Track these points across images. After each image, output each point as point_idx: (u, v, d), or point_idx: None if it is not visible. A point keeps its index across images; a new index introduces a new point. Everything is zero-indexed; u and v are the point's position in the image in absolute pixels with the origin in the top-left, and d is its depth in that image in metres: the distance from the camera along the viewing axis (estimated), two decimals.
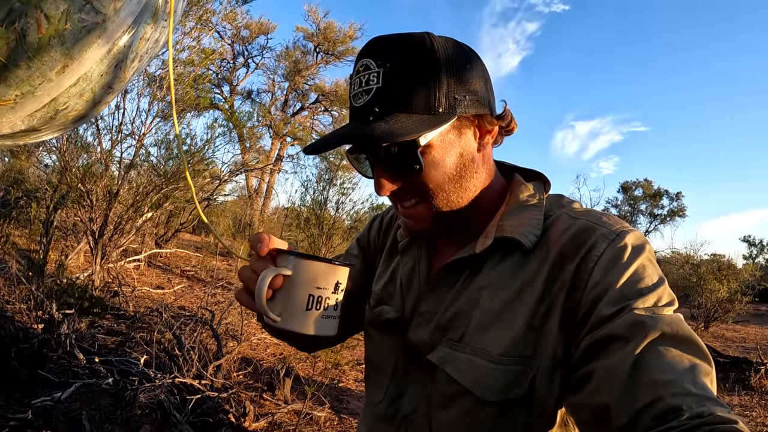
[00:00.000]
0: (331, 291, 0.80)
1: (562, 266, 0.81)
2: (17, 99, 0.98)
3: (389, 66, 0.80)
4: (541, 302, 0.81)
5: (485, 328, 0.84)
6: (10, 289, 5.27)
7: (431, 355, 0.88)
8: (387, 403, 0.97)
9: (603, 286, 0.75)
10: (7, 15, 0.88)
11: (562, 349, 0.78)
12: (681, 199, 26.21)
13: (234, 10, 13.27)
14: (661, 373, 0.64)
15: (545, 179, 0.97)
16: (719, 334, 11.92)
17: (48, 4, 0.90)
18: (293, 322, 0.79)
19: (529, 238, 0.84)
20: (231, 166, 9.75)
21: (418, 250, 1.01)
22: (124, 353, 4.52)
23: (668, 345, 0.67)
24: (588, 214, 0.86)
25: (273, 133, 21.16)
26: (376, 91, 0.81)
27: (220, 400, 3.46)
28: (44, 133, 1.18)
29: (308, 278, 0.79)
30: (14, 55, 0.91)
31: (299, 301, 0.79)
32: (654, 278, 0.76)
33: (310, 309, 0.79)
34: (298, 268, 0.79)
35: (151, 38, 1.18)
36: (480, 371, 0.82)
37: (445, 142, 0.84)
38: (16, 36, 0.89)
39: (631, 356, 0.67)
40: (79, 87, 1.05)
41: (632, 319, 0.70)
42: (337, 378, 4.88)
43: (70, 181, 6.42)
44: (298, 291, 0.79)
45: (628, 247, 0.79)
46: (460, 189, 0.87)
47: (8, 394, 3.24)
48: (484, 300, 0.85)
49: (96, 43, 1.00)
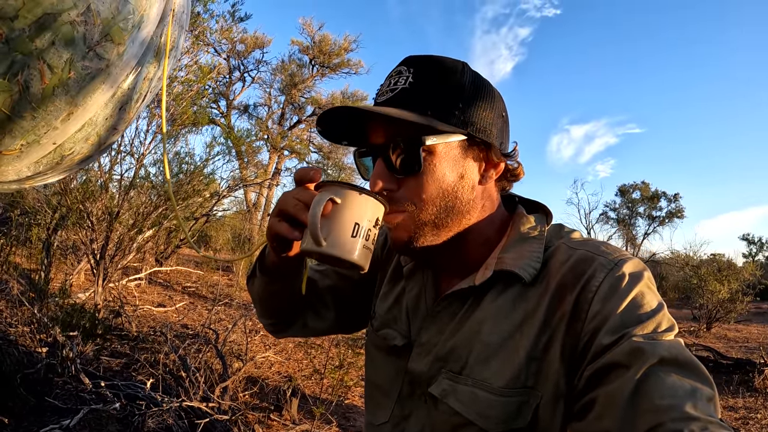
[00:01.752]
0: (373, 225, 0.83)
1: (562, 297, 0.82)
2: (23, 148, 0.98)
3: (420, 73, 0.85)
4: (542, 333, 0.82)
5: (486, 360, 0.85)
6: (12, 311, 5.25)
7: (433, 388, 0.89)
8: (392, 425, 0.98)
9: (603, 316, 0.76)
10: (9, 67, 0.87)
11: (564, 380, 0.79)
12: (679, 201, 26.38)
13: (230, 27, 13.34)
14: (662, 399, 0.65)
15: (547, 211, 0.98)
16: (721, 335, 11.89)
17: (50, 54, 0.90)
18: (338, 247, 0.81)
19: (529, 272, 0.85)
20: (229, 181, 9.76)
21: (423, 276, 1.02)
22: (129, 376, 4.50)
23: (668, 370, 0.68)
24: (586, 244, 0.87)
25: (270, 146, 21.19)
26: (400, 90, 0.85)
27: (228, 423, 3.44)
28: (50, 176, 1.18)
29: (355, 208, 0.81)
30: (18, 106, 0.91)
31: (346, 228, 0.81)
32: (653, 304, 0.77)
33: (354, 237, 0.81)
34: (348, 198, 0.82)
35: (155, 77, 1.18)
36: (483, 403, 0.83)
37: (449, 155, 0.86)
38: (19, 88, 0.89)
39: (631, 382, 0.67)
40: (85, 132, 1.05)
41: (631, 346, 0.70)
42: (343, 395, 4.86)
43: (70, 202, 6.42)
44: (345, 218, 0.81)
45: (626, 275, 0.79)
46: (451, 211, 0.88)
47: (16, 422, 3.21)
48: (485, 332, 0.86)
49: (100, 88, 1.00)
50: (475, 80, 0.88)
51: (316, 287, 1.16)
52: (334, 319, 1.18)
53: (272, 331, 1.20)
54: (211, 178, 8.13)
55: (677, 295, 16.55)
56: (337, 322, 1.20)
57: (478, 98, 0.86)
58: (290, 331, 1.19)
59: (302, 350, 6.53)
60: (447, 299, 0.92)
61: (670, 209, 26.41)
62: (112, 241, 6.70)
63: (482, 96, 0.87)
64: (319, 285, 1.16)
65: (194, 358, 4.40)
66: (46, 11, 0.87)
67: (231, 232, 17.96)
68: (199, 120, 7.25)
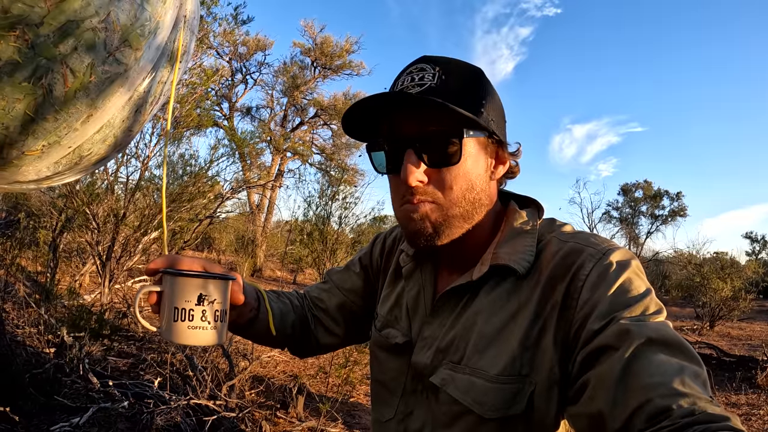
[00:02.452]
0: (195, 303, 0.88)
1: (553, 288, 0.85)
2: (44, 149, 1.03)
3: (447, 71, 0.87)
4: (535, 323, 0.85)
5: (482, 349, 0.88)
6: (19, 313, 5.30)
7: (433, 378, 0.93)
8: (397, 421, 1.02)
9: (592, 303, 0.79)
10: (34, 71, 0.92)
11: (557, 367, 0.82)
12: (681, 199, 26.28)
13: (233, 30, 13.40)
14: (650, 377, 0.66)
15: (539, 205, 1.01)
16: (725, 333, 11.90)
17: (73, 59, 0.94)
18: (166, 333, 0.89)
19: (522, 265, 0.88)
20: (233, 183, 9.81)
21: (422, 275, 1.05)
22: (137, 375, 4.55)
23: (656, 350, 0.69)
24: (576, 236, 0.90)
25: (273, 148, 21.22)
26: (429, 86, 0.85)
27: (235, 420, 3.49)
28: (67, 176, 1.23)
29: (173, 293, 0.88)
30: (42, 109, 0.96)
31: (168, 314, 0.88)
32: (640, 290, 0.79)
33: (176, 321, 0.87)
34: (166, 285, 0.89)
35: (168, 81, 1.23)
36: (479, 390, 0.86)
37: (476, 150, 0.89)
38: (43, 91, 0.94)
39: (620, 363, 0.69)
40: (103, 133, 1.10)
41: (619, 328, 0.73)
42: (348, 393, 4.91)
43: (77, 205, 6.48)
44: (166, 305, 0.88)
45: (614, 263, 0.82)
46: (477, 203, 0.91)
47: (27, 420, 3.26)
48: (481, 323, 0.90)
49: (119, 91, 1.05)
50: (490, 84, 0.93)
51: (324, 306, 1.24)
52: (345, 334, 1.25)
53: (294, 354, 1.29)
54: (215, 180, 8.19)
55: (680, 294, 16.53)
56: (348, 336, 1.26)
57: (493, 99, 0.91)
58: (309, 352, 1.28)
59: None
60: (447, 295, 0.96)
61: (672, 208, 26.36)
62: (118, 243, 6.76)
63: (494, 97, 0.92)
64: (328, 304, 1.24)
65: (201, 358, 4.45)
66: (70, 18, 0.91)
67: (234, 234, 18.02)
68: (203, 122, 7.31)
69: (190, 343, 0.87)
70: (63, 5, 0.90)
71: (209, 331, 0.90)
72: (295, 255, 15.75)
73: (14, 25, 0.88)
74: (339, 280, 1.26)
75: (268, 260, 18.97)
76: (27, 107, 0.94)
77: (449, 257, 1.01)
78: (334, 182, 11.99)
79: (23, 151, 1.02)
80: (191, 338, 0.88)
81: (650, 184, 26.95)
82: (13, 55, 0.89)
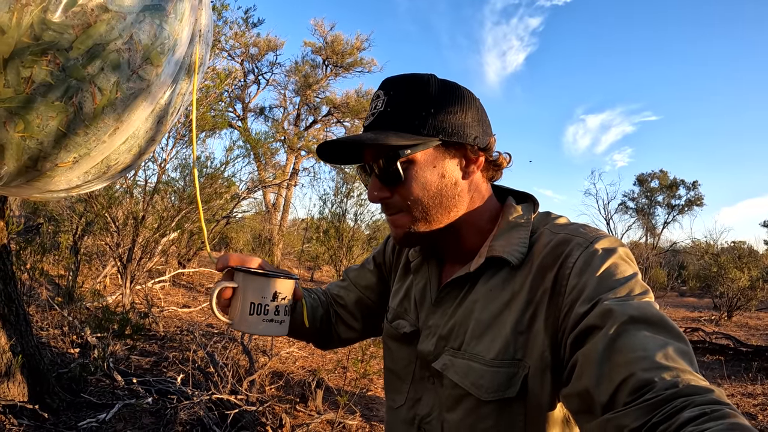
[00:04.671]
0: (270, 299, 1.00)
1: (543, 276, 0.91)
2: (75, 160, 1.12)
3: (392, 94, 0.97)
4: (527, 309, 0.91)
5: (479, 335, 0.95)
6: (43, 316, 5.44)
7: (435, 363, 1.01)
8: (407, 407, 1.09)
9: (579, 289, 0.84)
10: (65, 92, 1.01)
11: (549, 351, 0.87)
12: (698, 188, 26.04)
13: (243, 32, 13.50)
14: (633, 352, 0.69)
15: (535, 200, 1.08)
16: (742, 323, 11.78)
17: (100, 78, 1.03)
18: (241, 325, 1.00)
19: (516, 256, 0.95)
20: (248, 183, 9.93)
21: (428, 269, 1.13)
22: (160, 372, 4.67)
23: (639, 327, 0.72)
24: (566, 228, 0.96)
25: (287, 147, 21.31)
26: (378, 114, 0.97)
27: (256, 413, 3.59)
28: (95, 184, 1.32)
29: (249, 289, 1.00)
30: (73, 124, 1.05)
31: (244, 307, 1.00)
32: (626, 273, 0.84)
33: (252, 314, 0.99)
34: (242, 281, 1.01)
35: (186, 92, 1.32)
36: (476, 374, 0.92)
37: (428, 161, 0.97)
38: (74, 108, 1.03)
39: (603, 341, 0.73)
40: (128, 144, 1.19)
41: (603, 309, 0.76)
42: (365, 387, 4.99)
43: (97, 209, 6.62)
44: (242, 300, 1.00)
45: (600, 250, 0.87)
46: (440, 206, 0.99)
47: (55, 417, 3.38)
48: (478, 311, 0.97)
49: (142, 105, 1.13)
50: (443, 88, 0.97)
51: (344, 303, 1.33)
52: (362, 328, 1.34)
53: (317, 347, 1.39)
54: (231, 181, 8.32)
55: (698, 284, 16.39)
56: (365, 330, 1.35)
57: (448, 104, 0.96)
58: (331, 345, 1.38)
59: None
60: (448, 286, 1.04)
61: (689, 197, 26.14)
62: (138, 245, 6.90)
63: (451, 101, 0.97)
64: (346, 300, 1.33)
65: (221, 355, 4.57)
66: (96, 42, 1.00)
67: (251, 233, 18.15)
68: (218, 124, 7.43)
69: (262, 334, 1.00)
70: (89, 30, 0.99)
71: (279, 324, 1.02)
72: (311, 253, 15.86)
73: (46, 50, 0.96)
74: (355, 277, 1.35)
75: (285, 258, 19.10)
76: (59, 124, 1.03)
77: (451, 252, 1.08)
78: (348, 179, 12.06)
79: (56, 163, 1.10)
80: (264, 330, 1.00)
81: (666, 174, 26.70)
82: (46, 78, 0.98)
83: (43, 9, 0.94)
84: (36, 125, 1.01)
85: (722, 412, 0.59)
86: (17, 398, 3.22)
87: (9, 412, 3.15)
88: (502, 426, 0.91)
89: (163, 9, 1.10)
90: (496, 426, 0.92)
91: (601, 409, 0.70)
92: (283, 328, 1.04)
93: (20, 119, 0.99)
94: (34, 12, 0.93)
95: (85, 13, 0.97)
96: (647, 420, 0.63)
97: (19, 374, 3.25)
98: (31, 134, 1.02)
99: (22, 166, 1.07)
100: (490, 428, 0.92)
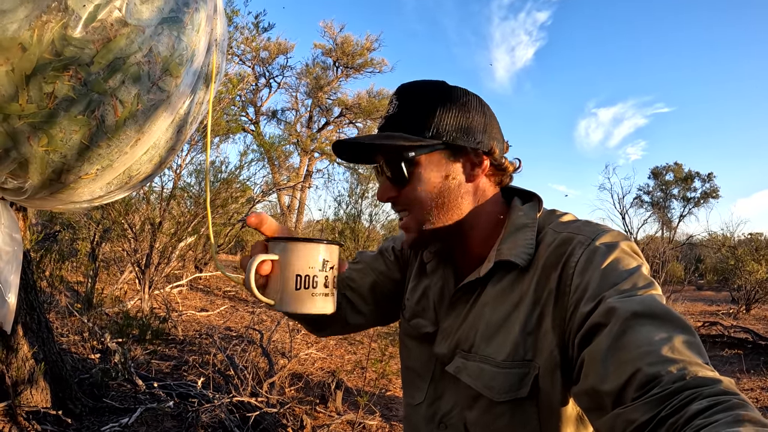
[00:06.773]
0: (319, 269, 0.85)
1: (547, 276, 0.92)
2: (98, 172, 1.14)
3: (404, 99, 1.02)
4: (534, 310, 0.92)
5: (489, 338, 0.96)
6: (62, 322, 5.50)
7: (449, 367, 1.03)
8: (427, 404, 1.10)
9: (582, 287, 0.85)
10: (88, 105, 1.03)
11: (558, 351, 0.88)
12: (713, 180, 25.65)
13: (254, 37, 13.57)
14: (638, 348, 0.69)
15: (539, 199, 1.08)
16: (761, 316, 11.63)
17: (121, 91, 1.05)
18: (286, 304, 0.84)
19: (523, 258, 0.96)
20: (263, 186, 9.98)
21: (444, 271, 1.15)
22: (180, 376, 4.71)
23: (643, 322, 0.72)
24: (569, 226, 0.97)
25: (301, 150, 21.37)
26: (389, 117, 1.02)
27: (277, 415, 3.61)
28: (117, 194, 1.34)
29: (294, 259, 0.84)
30: (95, 137, 1.06)
31: (288, 282, 0.83)
32: (629, 266, 0.84)
33: (299, 289, 0.83)
34: (283, 252, 0.84)
35: (204, 101, 1.34)
36: (488, 376, 0.94)
37: (432, 162, 0.99)
38: (96, 122, 1.05)
39: (608, 339, 0.73)
40: (149, 154, 1.21)
41: (606, 307, 0.77)
42: (384, 387, 5.01)
43: (114, 216, 6.70)
44: (285, 273, 0.84)
45: (601, 246, 0.88)
46: (443, 206, 1.01)
47: (78, 422, 3.43)
48: (488, 314, 0.98)
49: (162, 116, 1.15)
50: (451, 94, 1.01)
51: (355, 285, 1.28)
52: (371, 313, 1.30)
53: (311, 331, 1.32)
54: (245, 185, 8.37)
55: (715, 278, 16.19)
56: (374, 316, 1.31)
57: (453, 109, 0.99)
58: (329, 331, 1.31)
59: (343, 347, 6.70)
60: (460, 290, 1.05)
61: (704, 189, 25.77)
62: (155, 250, 6.96)
63: (457, 106, 0.99)
64: (359, 282, 1.28)
65: (241, 358, 4.60)
66: (116, 56, 1.01)
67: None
68: (232, 129, 7.48)
69: (312, 312, 0.83)
70: (109, 45, 1.00)
71: (330, 298, 0.88)
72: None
73: (67, 66, 0.98)
74: (372, 261, 1.31)
75: None
76: (82, 137, 1.05)
77: (462, 257, 1.10)
78: (363, 180, 12.10)
79: (79, 175, 1.12)
80: (314, 306, 0.85)
81: (681, 167, 26.40)
82: (68, 93, 0.99)
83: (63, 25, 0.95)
84: (59, 139, 1.03)
85: (730, 403, 0.58)
86: (40, 404, 3.26)
87: (33, 418, 3.19)
88: (516, 423, 0.93)
89: (181, 21, 1.11)
90: (511, 424, 0.93)
91: (611, 406, 0.70)
92: (332, 304, 0.88)
93: (44, 134, 1.01)
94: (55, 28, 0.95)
95: (104, 28, 0.98)
96: (656, 414, 0.63)
97: (42, 381, 3.30)
98: (54, 148, 1.04)
99: (46, 179, 1.09)
100: (506, 426, 0.94)
